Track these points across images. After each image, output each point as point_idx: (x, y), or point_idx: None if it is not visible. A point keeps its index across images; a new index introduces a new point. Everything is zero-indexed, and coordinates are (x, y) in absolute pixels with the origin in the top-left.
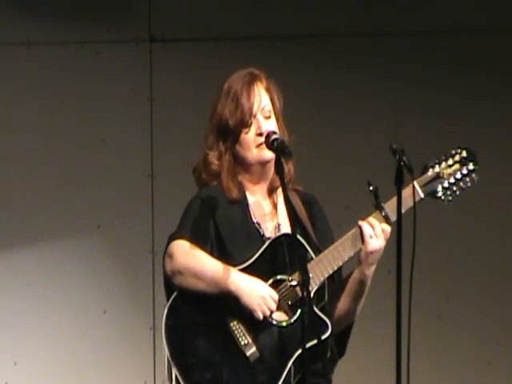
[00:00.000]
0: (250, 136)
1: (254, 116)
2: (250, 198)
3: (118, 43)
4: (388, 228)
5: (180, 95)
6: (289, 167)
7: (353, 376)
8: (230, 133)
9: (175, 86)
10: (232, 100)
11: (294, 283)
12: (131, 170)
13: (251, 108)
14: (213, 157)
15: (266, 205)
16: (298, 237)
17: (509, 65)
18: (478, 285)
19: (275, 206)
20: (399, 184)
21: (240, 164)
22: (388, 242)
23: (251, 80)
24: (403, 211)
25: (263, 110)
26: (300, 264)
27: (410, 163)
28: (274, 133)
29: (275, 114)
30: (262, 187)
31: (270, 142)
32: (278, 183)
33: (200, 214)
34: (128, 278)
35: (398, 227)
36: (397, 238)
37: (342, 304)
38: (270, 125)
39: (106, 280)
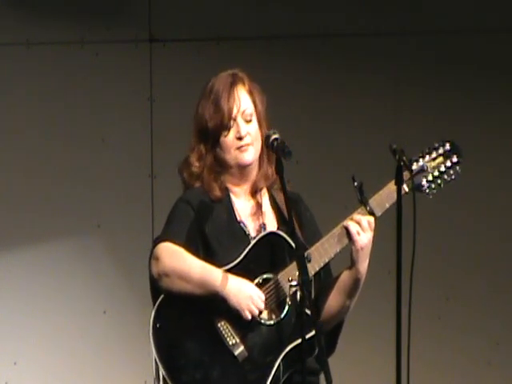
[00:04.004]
0: (229, 139)
1: (234, 119)
2: (234, 199)
3: (118, 43)
4: (372, 219)
5: (180, 95)
6: (273, 170)
7: (353, 376)
8: (209, 135)
9: (175, 85)
10: (212, 102)
11: (294, 283)
12: (131, 169)
13: (231, 111)
14: (193, 158)
15: (251, 205)
16: (284, 235)
17: (509, 65)
18: (478, 285)
19: (260, 206)
20: (399, 184)
21: (221, 165)
22: (388, 242)
23: (233, 82)
24: (388, 206)
25: (244, 114)
26: (299, 264)
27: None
28: (274, 132)
29: (257, 117)
30: (244, 188)
31: (270, 142)
32: (261, 184)
33: (184, 216)
34: (128, 278)
35: (397, 227)
36: (397, 238)
37: (335, 301)
38: (251, 128)
39: (106, 280)
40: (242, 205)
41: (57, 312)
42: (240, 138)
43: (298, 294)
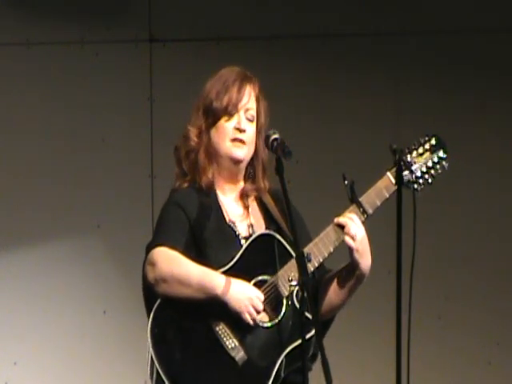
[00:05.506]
0: (228, 126)
1: (238, 111)
2: (222, 198)
3: (118, 43)
4: (362, 217)
5: (180, 95)
6: (265, 183)
7: (353, 376)
8: (211, 112)
9: (175, 86)
10: (223, 85)
11: (294, 283)
12: (131, 169)
13: (238, 101)
14: (193, 133)
15: (238, 206)
16: (278, 236)
17: (509, 65)
18: (478, 285)
19: (247, 207)
20: (399, 184)
21: (213, 150)
22: (388, 242)
23: (246, 79)
24: (379, 204)
25: (247, 112)
26: (300, 264)
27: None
28: (274, 132)
29: (257, 125)
30: (233, 189)
31: (270, 142)
32: (251, 192)
33: (175, 219)
34: (128, 278)
35: (397, 227)
36: (397, 238)
37: (335, 299)
38: (250, 129)
39: (106, 280)
40: (230, 205)
41: (57, 312)
42: (239, 130)
43: (295, 294)
